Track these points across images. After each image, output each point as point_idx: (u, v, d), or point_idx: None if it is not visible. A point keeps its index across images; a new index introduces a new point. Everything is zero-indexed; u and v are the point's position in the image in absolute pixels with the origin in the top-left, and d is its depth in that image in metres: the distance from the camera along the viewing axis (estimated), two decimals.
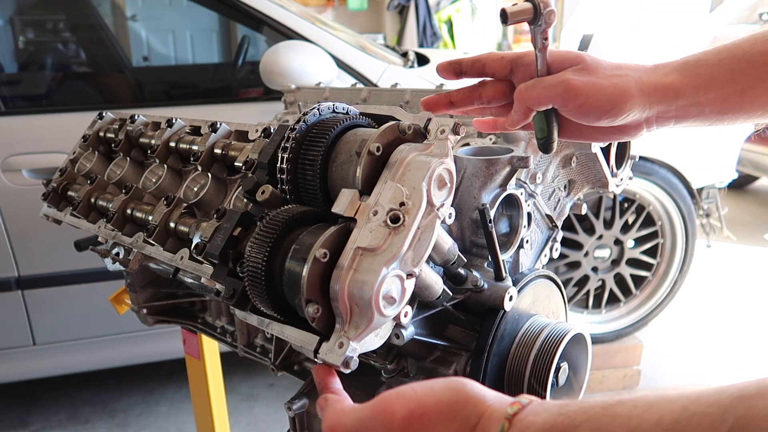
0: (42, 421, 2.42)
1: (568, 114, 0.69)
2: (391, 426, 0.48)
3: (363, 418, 0.50)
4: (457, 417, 0.46)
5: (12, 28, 3.07)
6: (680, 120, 0.69)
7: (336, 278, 0.59)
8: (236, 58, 2.85)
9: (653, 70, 0.68)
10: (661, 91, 0.66)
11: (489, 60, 0.74)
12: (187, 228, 0.87)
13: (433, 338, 0.75)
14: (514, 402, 0.46)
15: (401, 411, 0.48)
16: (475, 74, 0.75)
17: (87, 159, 1.11)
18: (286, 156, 0.68)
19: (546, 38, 0.69)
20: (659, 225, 2.63)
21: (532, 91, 0.69)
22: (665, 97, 0.67)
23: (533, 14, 0.67)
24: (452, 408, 0.47)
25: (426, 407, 0.47)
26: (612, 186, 1.01)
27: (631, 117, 0.67)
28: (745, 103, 0.66)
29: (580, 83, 0.66)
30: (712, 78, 0.66)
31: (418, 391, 0.49)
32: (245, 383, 2.58)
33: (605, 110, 0.66)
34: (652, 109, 0.67)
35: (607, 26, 6.25)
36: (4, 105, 2.19)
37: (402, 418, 0.47)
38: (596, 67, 0.68)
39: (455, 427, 0.46)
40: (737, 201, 5.04)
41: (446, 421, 0.47)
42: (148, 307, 1.30)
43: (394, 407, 0.48)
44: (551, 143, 0.73)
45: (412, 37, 7.14)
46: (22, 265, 2.11)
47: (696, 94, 0.66)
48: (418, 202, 0.60)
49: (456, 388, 0.48)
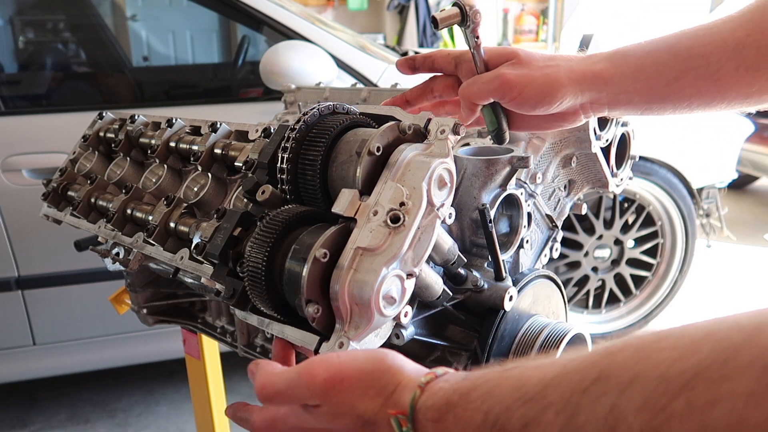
0: (42, 421, 2.42)
1: (508, 105, 0.74)
2: (312, 387, 0.50)
3: (290, 379, 0.52)
4: (375, 384, 0.49)
5: (12, 28, 3.06)
6: (613, 107, 0.73)
7: (336, 278, 0.59)
8: (236, 58, 2.85)
9: (584, 59, 0.72)
10: (591, 79, 0.70)
11: (438, 56, 0.80)
12: (187, 228, 0.87)
13: (433, 338, 0.75)
14: (429, 372, 0.49)
15: (322, 374, 0.50)
16: (426, 69, 0.81)
17: (87, 159, 1.11)
18: (286, 156, 0.68)
19: (477, 37, 0.74)
20: (659, 225, 2.63)
21: (472, 87, 0.74)
22: (594, 85, 0.71)
23: (461, 17, 0.72)
24: (371, 376, 0.50)
25: (346, 373, 0.50)
26: (612, 186, 1.01)
27: (565, 104, 0.72)
28: (670, 93, 0.70)
29: (513, 76, 0.71)
30: (638, 68, 0.70)
31: (342, 358, 0.51)
32: (245, 383, 2.58)
33: (539, 99, 0.71)
34: (584, 96, 0.72)
35: (607, 26, 6.25)
36: (4, 105, 2.19)
37: (323, 381, 0.50)
38: (529, 60, 0.73)
39: (372, 394, 0.49)
40: (737, 201, 5.04)
41: (364, 388, 0.49)
42: (148, 307, 1.30)
43: (316, 370, 0.51)
44: (503, 134, 0.78)
45: (412, 37, 7.14)
46: (22, 265, 2.11)
47: (624, 83, 0.70)
48: (418, 202, 0.60)
49: (377, 358, 0.51)
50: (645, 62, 0.70)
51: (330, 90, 1.54)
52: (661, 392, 0.33)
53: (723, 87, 0.68)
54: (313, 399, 0.51)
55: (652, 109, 0.72)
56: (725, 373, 0.31)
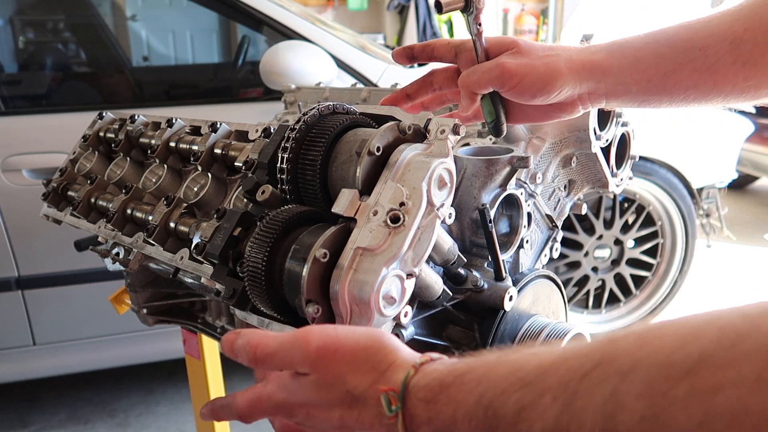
0: (42, 421, 2.42)
1: (507, 95, 0.74)
2: (305, 353, 0.50)
3: (284, 342, 0.52)
4: (369, 360, 0.49)
5: (12, 28, 3.06)
6: (611, 98, 0.73)
7: (336, 278, 0.59)
8: (236, 58, 2.85)
9: (583, 50, 0.72)
10: (589, 69, 0.71)
11: (437, 45, 0.80)
12: (187, 228, 0.87)
13: (433, 338, 0.75)
14: (424, 355, 0.49)
15: (317, 342, 0.50)
16: (425, 58, 0.81)
17: (87, 159, 1.11)
18: (286, 156, 0.68)
19: (479, 24, 0.74)
20: (659, 225, 2.63)
21: (473, 76, 0.74)
22: (593, 75, 0.71)
23: (464, 3, 0.72)
24: (366, 351, 0.49)
25: (341, 344, 0.50)
26: (612, 186, 1.01)
27: (563, 94, 0.72)
28: (667, 85, 0.70)
29: (514, 65, 0.71)
30: (636, 60, 0.70)
31: (339, 330, 0.51)
32: (245, 383, 2.58)
33: (538, 88, 0.71)
34: (582, 86, 0.72)
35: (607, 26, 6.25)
36: (4, 105, 2.19)
37: (317, 348, 0.50)
38: (529, 49, 0.73)
39: (365, 369, 0.48)
40: (737, 201, 5.04)
41: (358, 362, 0.49)
42: (148, 307, 1.30)
43: (311, 337, 0.50)
44: (501, 125, 0.78)
45: (412, 37, 7.14)
46: (22, 265, 2.11)
47: (622, 74, 0.70)
48: (418, 202, 0.60)
49: (374, 336, 0.51)
50: (643, 53, 0.70)
51: (330, 90, 1.54)
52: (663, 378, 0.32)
53: (720, 81, 0.68)
54: (304, 365, 0.50)
55: (649, 101, 0.72)
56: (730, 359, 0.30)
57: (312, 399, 0.51)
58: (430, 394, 0.45)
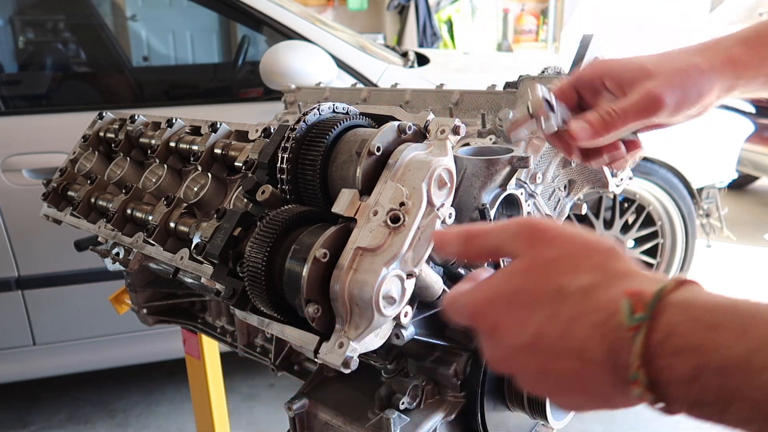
0: (42, 421, 2.42)
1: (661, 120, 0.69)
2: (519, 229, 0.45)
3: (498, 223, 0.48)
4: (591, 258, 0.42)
5: (12, 28, 3.06)
6: (745, 90, 0.70)
7: (336, 278, 0.59)
8: (236, 58, 2.85)
9: (710, 47, 0.69)
10: (731, 66, 0.68)
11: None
12: (187, 228, 0.87)
13: (433, 338, 0.75)
14: None
15: (537, 222, 0.46)
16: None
17: (87, 159, 1.11)
18: (286, 156, 0.68)
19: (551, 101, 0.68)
20: (659, 225, 2.63)
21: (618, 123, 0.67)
22: (735, 70, 0.68)
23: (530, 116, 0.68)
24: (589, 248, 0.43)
25: (563, 232, 0.45)
26: (612, 186, 1.01)
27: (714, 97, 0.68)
28: None
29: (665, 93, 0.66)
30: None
31: (563, 224, 0.46)
32: (245, 383, 2.58)
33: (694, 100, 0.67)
34: (725, 83, 0.68)
35: (607, 26, 6.25)
36: (4, 105, 2.19)
37: (535, 225, 0.45)
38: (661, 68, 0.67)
39: (587, 267, 0.41)
40: (737, 201, 5.03)
41: (578, 257, 0.42)
42: (148, 307, 1.30)
43: (530, 219, 0.47)
44: None
45: (412, 37, 7.14)
46: (22, 265, 2.11)
47: (763, 66, 0.68)
48: (418, 202, 0.60)
49: (604, 240, 0.44)
50: None
51: (330, 90, 1.54)
52: None
53: None
54: (515, 242, 0.45)
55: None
56: None
57: (513, 287, 0.44)
58: (714, 318, 0.35)
